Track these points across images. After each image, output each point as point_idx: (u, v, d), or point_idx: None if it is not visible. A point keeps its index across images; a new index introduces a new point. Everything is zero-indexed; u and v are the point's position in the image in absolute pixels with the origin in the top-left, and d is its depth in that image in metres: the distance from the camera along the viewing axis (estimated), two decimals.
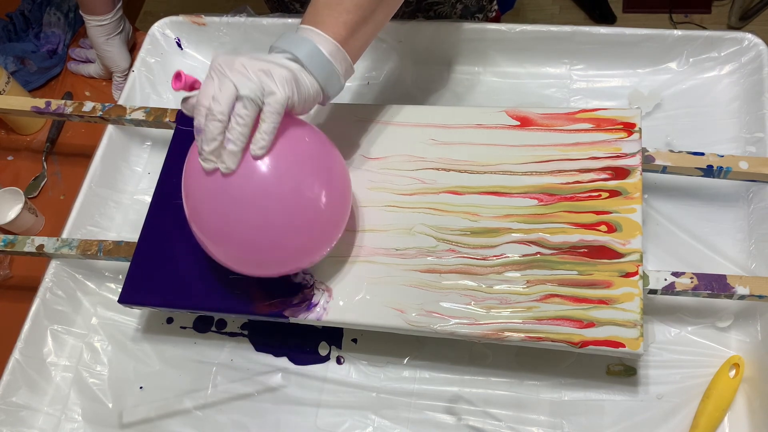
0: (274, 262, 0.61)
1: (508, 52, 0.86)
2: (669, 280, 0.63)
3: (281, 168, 0.57)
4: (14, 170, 0.97)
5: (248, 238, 0.58)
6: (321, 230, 0.61)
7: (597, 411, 0.66)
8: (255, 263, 0.61)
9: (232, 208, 0.57)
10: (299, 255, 0.61)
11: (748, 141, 0.75)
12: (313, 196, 0.59)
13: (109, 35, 0.95)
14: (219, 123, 0.55)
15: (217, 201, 0.58)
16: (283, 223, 0.58)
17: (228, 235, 0.59)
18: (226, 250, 0.61)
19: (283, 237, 0.59)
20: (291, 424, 0.70)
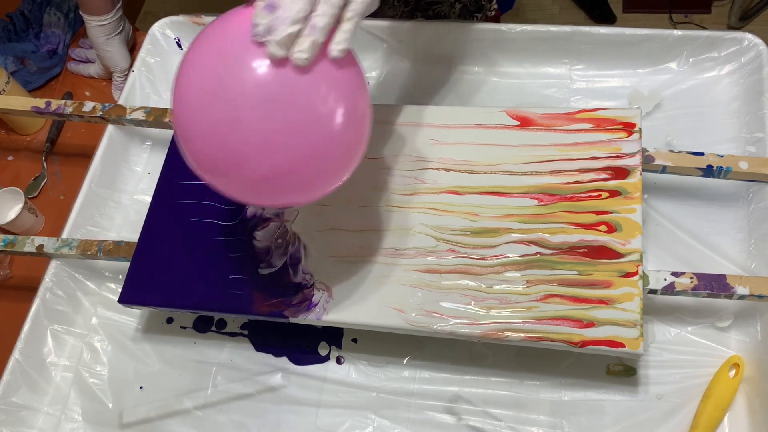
0: (293, 186, 0.54)
1: (508, 52, 0.86)
2: (669, 280, 0.63)
3: (342, 79, 0.52)
4: (14, 170, 0.97)
5: (292, 145, 0.51)
6: (341, 158, 0.56)
7: (597, 411, 0.66)
8: (280, 183, 0.53)
9: (287, 109, 0.49)
10: (318, 181, 0.56)
11: (748, 141, 0.75)
12: (355, 120, 0.54)
13: (108, 35, 0.95)
14: (305, 4, 0.48)
15: (264, 100, 0.49)
16: (327, 140, 0.52)
17: (270, 144, 0.50)
18: (258, 163, 0.52)
19: (320, 153, 0.52)
20: (291, 424, 0.70)
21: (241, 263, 0.70)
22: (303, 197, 0.57)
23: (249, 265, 0.70)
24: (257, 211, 0.73)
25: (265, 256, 0.70)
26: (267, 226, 0.72)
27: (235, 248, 0.71)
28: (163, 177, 0.77)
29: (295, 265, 0.69)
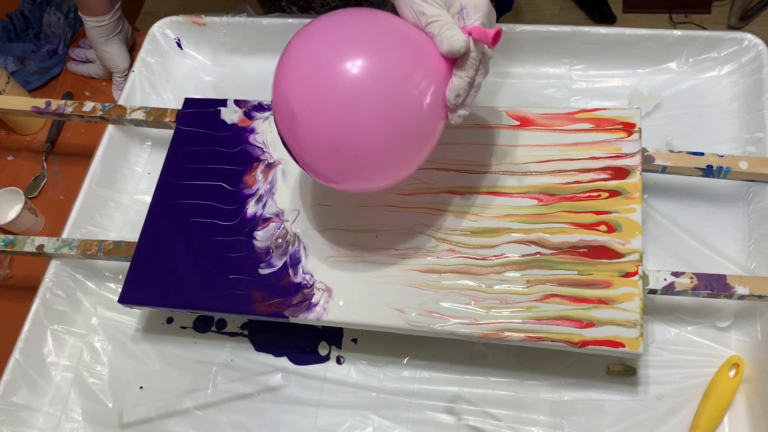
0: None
1: (508, 52, 0.85)
2: (669, 280, 0.63)
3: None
4: (14, 170, 0.97)
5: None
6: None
7: (597, 411, 0.66)
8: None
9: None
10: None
11: (748, 141, 0.75)
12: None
13: (108, 36, 0.95)
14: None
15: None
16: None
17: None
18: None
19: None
20: (291, 424, 0.70)
21: (241, 263, 0.70)
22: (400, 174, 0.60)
23: (249, 265, 0.70)
24: (257, 211, 0.73)
25: (265, 256, 0.70)
26: (267, 226, 0.72)
27: (235, 248, 0.71)
28: (163, 177, 0.77)
29: (295, 265, 0.69)
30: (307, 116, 0.54)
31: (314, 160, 0.57)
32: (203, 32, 0.94)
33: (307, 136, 0.55)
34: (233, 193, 0.74)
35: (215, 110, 0.81)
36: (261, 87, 0.91)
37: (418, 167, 0.60)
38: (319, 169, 0.57)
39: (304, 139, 0.55)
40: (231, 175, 0.76)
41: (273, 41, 0.92)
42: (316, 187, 0.73)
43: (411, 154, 0.58)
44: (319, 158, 0.56)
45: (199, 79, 0.94)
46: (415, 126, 0.55)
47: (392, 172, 0.58)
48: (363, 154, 0.55)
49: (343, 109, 0.53)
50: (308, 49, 0.55)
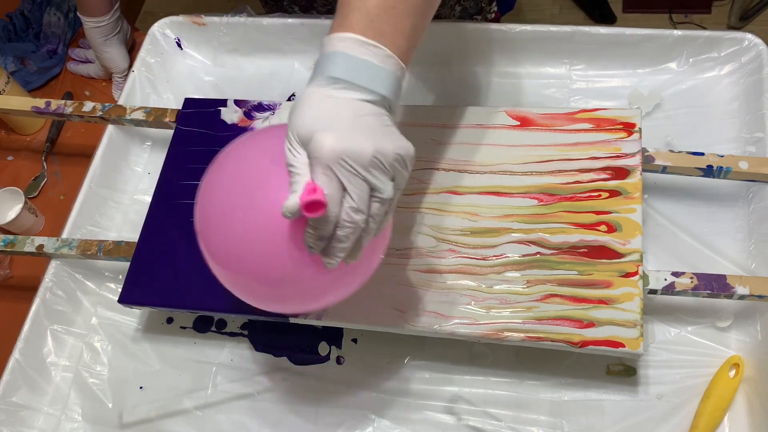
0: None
1: (508, 52, 0.85)
2: (669, 280, 0.63)
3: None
4: (14, 170, 0.97)
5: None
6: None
7: (597, 411, 0.66)
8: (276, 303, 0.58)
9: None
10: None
11: (748, 141, 0.75)
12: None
13: (107, 36, 0.95)
14: (359, 229, 0.47)
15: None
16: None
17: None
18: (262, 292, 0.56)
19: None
20: (291, 424, 0.70)
21: None
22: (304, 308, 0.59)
23: None
24: None
25: None
26: None
27: None
28: (163, 177, 0.77)
29: None
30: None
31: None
32: (203, 32, 0.94)
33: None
34: None
35: (215, 110, 0.81)
36: (261, 87, 0.91)
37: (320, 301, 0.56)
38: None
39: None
40: None
41: (273, 41, 0.92)
42: None
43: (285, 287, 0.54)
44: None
45: (199, 79, 0.94)
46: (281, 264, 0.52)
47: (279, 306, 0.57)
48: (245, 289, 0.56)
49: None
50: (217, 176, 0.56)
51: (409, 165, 0.48)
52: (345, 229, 0.46)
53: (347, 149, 0.44)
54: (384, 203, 0.48)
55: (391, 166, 0.47)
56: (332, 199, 0.45)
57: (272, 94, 0.90)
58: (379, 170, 0.46)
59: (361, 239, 0.48)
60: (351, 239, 0.47)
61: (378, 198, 0.47)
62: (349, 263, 0.50)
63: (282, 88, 0.91)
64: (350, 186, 0.45)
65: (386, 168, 0.46)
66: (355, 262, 0.51)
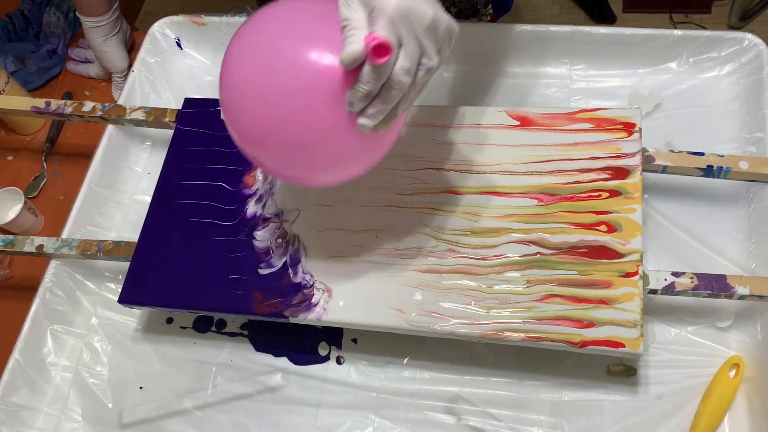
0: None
1: (508, 52, 0.85)
2: (669, 280, 0.63)
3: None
4: (14, 170, 0.97)
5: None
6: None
7: (597, 411, 0.66)
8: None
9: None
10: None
11: (748, 141, 0.75)
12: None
13: (106, 36, 0.95)
14: (400, 94, 0.49)
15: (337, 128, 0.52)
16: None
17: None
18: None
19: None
20: (291, 424, 0.70)
21: (241, 263, 0.70)
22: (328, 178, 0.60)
23: (249, 265, 0.70)
24: (257, 211, 0.73)
25: (264, 256, 0.70)
26: (267, 226, 0.72)
27: (235, 248, 0.71)
28: (163, 177, 0.77)
29: (295, 265, 0.69)
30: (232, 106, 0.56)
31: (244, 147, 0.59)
32: (203, 32, 0.94)
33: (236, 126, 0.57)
34: (233, 193, 0.74)
35: (215, 110, 0.81)
36: None
37: (361, 166, 0.59)
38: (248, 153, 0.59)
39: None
40: (231, 175, 0.76)
41: None
42: (316, 187, 0.73)
43: (322, 150, 0.55)
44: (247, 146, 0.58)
45: (199, 79, 0.94)
46: (321, 125, 0.53)
47: (311, 170, 0.57)
48: (274, 148, 0.55)
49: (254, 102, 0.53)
50: (244, 43, 0.55)
51: (452, 42, 0.50)
52: (392, 90, 0.48)
53: (412, 8, 0.46)
54: (429, 72, 0.49)
55: (441, 37, 0.48)
56: (394, 59, 0.47)
57: None
58: (432, 37, 0.48)
59: (398, 106, 0.50)
60: (394, 101, 0.49)
61: (425, 66, 0.49)
62: (379, 131, 0.51)
63: None
64: (407, 45, 0.47)
65: (438, 37, 0.48)
66: (381, 137, 0.53)
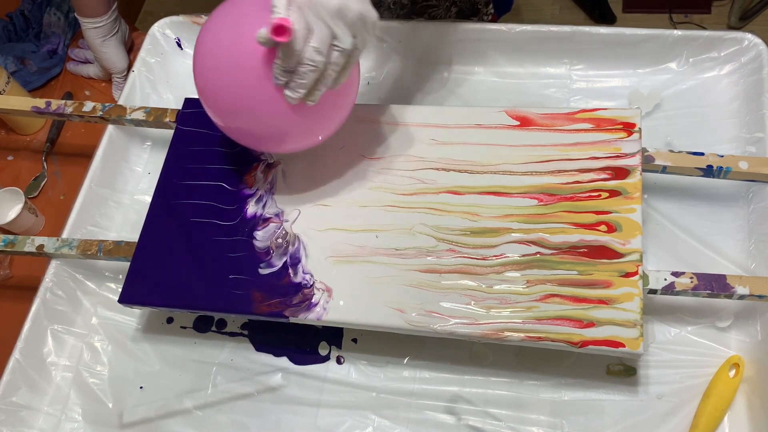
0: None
1: (508, 52, 0.86)
2: (669, 280, 0.63)
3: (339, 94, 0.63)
4: (14, 170, 0.97)
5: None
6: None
7: (597, 411, 0.66)
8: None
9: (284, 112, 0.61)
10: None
11: (748, 141, 0.75)
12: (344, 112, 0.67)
13: (105, 37, 0.95)
14: (319, 71, 0.57)
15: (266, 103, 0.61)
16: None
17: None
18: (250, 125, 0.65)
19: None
20: (291, 424, 0.70)
21: (241, 263, 0.70)
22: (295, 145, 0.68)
23: (249, 265, 0.70)
24: (257, 211, 0.73)
25: (265, 256, 0.70)
26: (267, 226, 0.72)
27: (235, 248, 0.71)
28: (163, 177, 0.77)
29: (295, 265, 0.69)
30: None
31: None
32: None
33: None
34: (233, 193, 0.74)
35: None
36: None
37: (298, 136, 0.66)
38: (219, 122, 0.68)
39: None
40: (231, 175, 0.76)
41: None
42: (316, 187, 0.73)
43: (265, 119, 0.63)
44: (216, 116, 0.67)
45: None
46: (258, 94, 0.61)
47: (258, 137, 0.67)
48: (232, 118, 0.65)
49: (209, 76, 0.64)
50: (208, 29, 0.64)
51: (370, 29, 0.57)
52: (306, 66, 0.56)
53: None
54: (343, 54, 0.56)
55: (353, 22, 0.55)
56: (298, 35, 0.54)
57: None
58: (342, 22, 0.55)
59: (319, 83, 0.58)
60: (310, 77, 0.57)
61: (338, 48, 0.56)
62: (308, 104, 0.60)
63: None
64: (315, 27, 0.54)
65: (349, 22, 0.55)
66: (320, 112, 0.63)
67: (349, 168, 0.73)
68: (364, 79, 0.90)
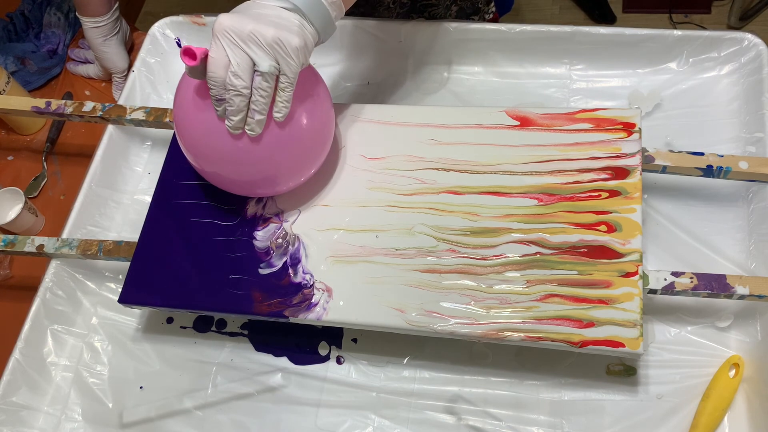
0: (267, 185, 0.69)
1: (508, 52, 0.86)
2: (669, 280, 0.63)
3: (296, 124, 0.64)
4: (14, 170, 0.97)
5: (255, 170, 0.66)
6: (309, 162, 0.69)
7: (597, 411, 0.66)
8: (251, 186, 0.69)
9: (245, 155, 0.64)
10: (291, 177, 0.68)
11: (748, 141, 0.75)
12: (316, 139, 0.68)
13: (106, 36, 0.95)
14: (244, 97, 0.59)
15: (226, 151, 0.64)
16: (284, 160, 0.66)
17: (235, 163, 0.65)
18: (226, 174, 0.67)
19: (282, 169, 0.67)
20: (291, 424, 0.70)
21: (241, 263, 0.70)
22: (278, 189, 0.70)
23: (249, 265, 0.70)
24: (257, 211, 0.73)
25: (265, 256, 0.70)
26: (267, 227, 0.72)
27: (235, 248, 0.71)
28: (163, 177, 0.77)
29: (295, 265, 0.69)
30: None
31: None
32: (203, 32, 0.94)
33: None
34: (233, 193, 0.74)
35: None
36: None
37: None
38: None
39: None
40: None
41: None
42: (316, 187, 0.73)
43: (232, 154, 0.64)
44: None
45: None
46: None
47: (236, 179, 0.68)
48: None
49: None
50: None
51: (293, 54, 0.58)
52: (230, 91, 0.58)
53: (232, 25, 0.57)
54: (264, 77, 0.58)
55: (270, 46, 0.57)
56: (216, 62, 0.57)
57: None
58: (258, 47, 0.57)
59: (252, 110, 0.60)
60: (236, 103, 0.59)
61: (258, 72, 0.58)
62: (249, 134, 0.61)
63: None
64: (231, 54, 0.57)
65: (264, 47, 0.57)
66: (281, 151, 0.64)
67: (349, 168, 0.73)
68: (363, 79, 0.90)
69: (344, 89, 0.90)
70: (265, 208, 0.73)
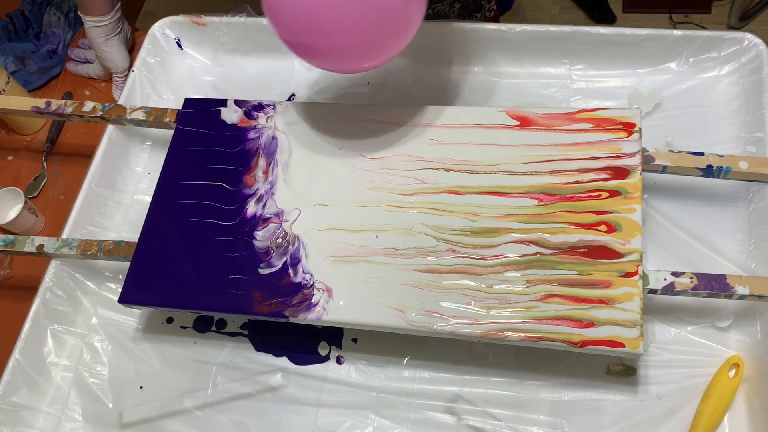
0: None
1: (508, 52, 0.86)
2: (669, 280, 0.63)
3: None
4: (14, 170, 0.98)
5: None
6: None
7: (597, 411, 0.66)
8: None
9: None
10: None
11: (748, 141, 0.75)
12: None
13: (107, 36, 0.95)
14: None
15: None
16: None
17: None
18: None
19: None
20: (291, 424, 0.70)
21: (241, 263, 0.70)
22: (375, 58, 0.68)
23: (249, 265, 0.70)
24: (257, 211, 0.73)
25: (265, 256, 0.70)
26: (267, 226, 0.72)
27: (235, 248, 0.71)
28: (163, 177, 0.77)
29: (295, 265, 0.69)
30: None
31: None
32: (203, 32, 0.94)
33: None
34: (233, 193, 0.75)
35: (215, 110, 0.81)
36: (261, 87, 0.91)
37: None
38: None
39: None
40: (231, 175, 0.76)
41: (273, 41, 0.91)
42: (316, 187, 0.73)
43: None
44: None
45: (199, 79, 0.95)
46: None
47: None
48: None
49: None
50: None
51: None
52: None
53: None
54: None
55: None
56: None
57: (272, 94, 0.90)
58: None
59: None
60: None
61: None
62: None
63: (282, 87, 0.91)
64: None
65: None
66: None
67: (349, 168, 0.73)
68: (363, 79, 0.90)
69: (344, 89, 0.90)
70: (265, 207, 0.73)
